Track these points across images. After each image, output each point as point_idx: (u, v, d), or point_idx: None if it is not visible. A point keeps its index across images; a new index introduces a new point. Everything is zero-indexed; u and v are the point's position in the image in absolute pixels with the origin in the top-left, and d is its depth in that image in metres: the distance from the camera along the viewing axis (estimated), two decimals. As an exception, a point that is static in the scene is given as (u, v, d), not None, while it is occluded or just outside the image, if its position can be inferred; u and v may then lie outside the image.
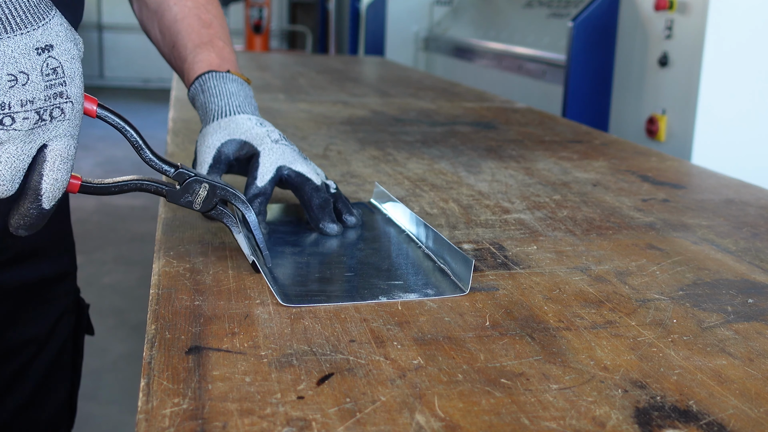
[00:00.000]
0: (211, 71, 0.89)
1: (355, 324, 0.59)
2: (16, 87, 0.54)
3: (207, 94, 0.87)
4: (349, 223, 0.83)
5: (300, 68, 2.69)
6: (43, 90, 0.55)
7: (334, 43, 6.07)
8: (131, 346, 2.53)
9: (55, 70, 0.56)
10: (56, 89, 0.56)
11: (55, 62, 0.56)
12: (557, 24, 2.78)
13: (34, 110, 0.55)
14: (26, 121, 0.55)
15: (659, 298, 0.67)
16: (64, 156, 0.58)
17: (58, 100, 0.56)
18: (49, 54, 0.56)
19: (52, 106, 0.56)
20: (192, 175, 0.68)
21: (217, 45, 0.93)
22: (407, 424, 0.45)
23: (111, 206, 4.09)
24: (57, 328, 0.95)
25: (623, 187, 1.07)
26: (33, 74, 0.54)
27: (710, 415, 0.47)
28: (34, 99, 0.55)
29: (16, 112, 0.54)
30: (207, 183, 0.68)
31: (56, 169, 0.57)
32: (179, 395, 0.47)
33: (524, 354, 0.55)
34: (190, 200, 0.68)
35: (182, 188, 0.68)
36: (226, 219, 0.70)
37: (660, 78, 2.18)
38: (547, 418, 0.46)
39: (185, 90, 1.92)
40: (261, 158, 0.80)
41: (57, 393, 0.98)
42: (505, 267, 0.73)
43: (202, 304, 0.61)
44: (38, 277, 0.91)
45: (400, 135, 1.42)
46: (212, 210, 0.69)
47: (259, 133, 0.82)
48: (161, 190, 0.67)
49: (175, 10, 0.95)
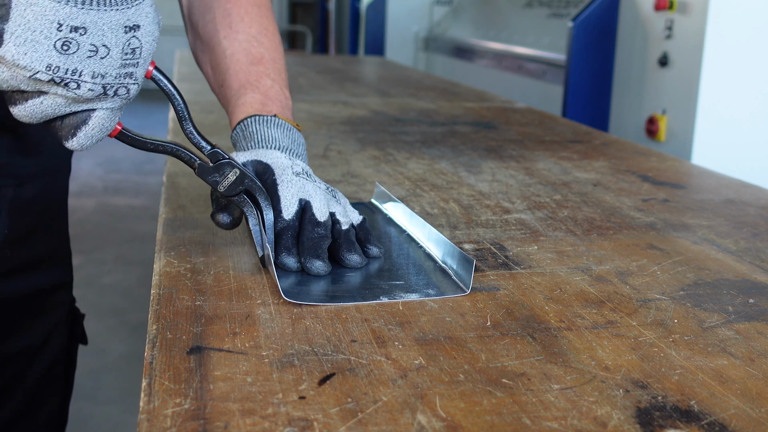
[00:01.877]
0: (254, 116, 0.81)
1: (357, 324, 0.59)
2: (94, 58, 0.55)
3: (248, 139, 0.80)
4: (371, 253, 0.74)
5: (300, 68, 2.69)
6: (118, 68, 0.56)
7: (334, 43, 6.07)
8: (131, 346, 2.53)
9: (134, 51, 0.57)
10: (129, 69, 0.57)
11: (137, 42, 0.57)
12: (557, 24, 2.78)
13: (102, 84, 0.56)
14: (90, 92, 0.56)
15: (660, 298, 0.67)
16: (104, 126, 0.59)
17: (126, 80, 0.58)
18: (135, 34, 0.57)
19: (119, 84, 0.57)
20: (226, 157, 0.69)
21: (263, 85, 0.85)
22: (409, 424, 0.45)
23: (111, 206, 4.08)
24: (51, 339, 0.93)
25: (623, 187, 1.07)
26: (114, 50, 0.56)
27: (712, 415, 0.47)
28: (106, 74, 0.56)
29: (84, 81, 0.55)
30: (238, 169, 0.69)
31: (89, 136, 0.59)
32: (181, 395, 0.47)
33: (525, 354, 0.55)
34: (217, 180, 0.69)
35: (214, 167, 0.69)
36: (246, 207, 0.70)
37: (660, 78, 2.18)
38: (549, 418, 0.46)
39: (186, 90, 1.92)
40: (281, 189, 0.72)
41: (49, 404, 0.96)
42: (506, 267, 0.73)
43: (204, 304, 0.61)
44: (35, 287, 0.89)
45: (400, 135, 1.42)
46: (235, 196, 0.70)
47: (283, 163, 0.75)
48: (193, 161, 0.68)
49: (225, 44, 0.87)
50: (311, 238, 0.70)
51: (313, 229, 0.70)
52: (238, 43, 0.87)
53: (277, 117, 0.81)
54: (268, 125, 0.80)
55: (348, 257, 0.71)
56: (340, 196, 0.76)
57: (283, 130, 0.80)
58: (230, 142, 0.84)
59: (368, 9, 4.43)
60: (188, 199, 0.91)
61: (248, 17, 0.89)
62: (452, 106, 1.85)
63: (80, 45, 0.54)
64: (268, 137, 0.79)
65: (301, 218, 0.71)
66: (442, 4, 4.22)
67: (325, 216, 0.71)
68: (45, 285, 0.90)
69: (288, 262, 0.69)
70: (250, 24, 0.88)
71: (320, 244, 0.70)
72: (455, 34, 3.85)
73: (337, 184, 1.02)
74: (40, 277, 0.89)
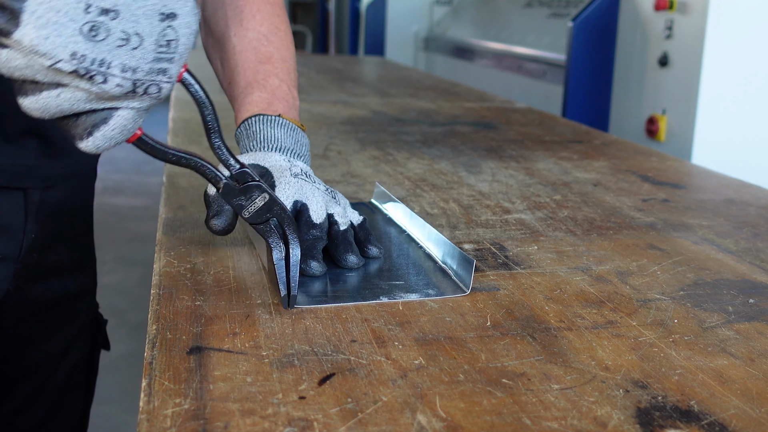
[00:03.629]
0: (258, 115, 0.80)
1: (357, 324, 0.59)
2: (125, 48, 0.48)
3: (251, 138, 0.79)
4: (370, 254, 0.74)
5: (300, 68, 2.69)
6: (150, 62, 0.49)
7: (334, 43, 6.07)
8: (131, 346, 2.53)
9: (170, 43, 0.50)
10: (162, 64, 0.50)
11: (173, 34, 0.50)
12: (557, 24, 2.78)
13: (132, 80, 0.49)
14: (118, 89, 0.49)
15: (660, 298, 0.67)
16: (125, 128, 0.51)
17: (159, 77, 0.50)
18: (171, 23, 0.50)
19: (151, 81, 0.50)
20: (255, 180, 0.61)
21: (270, 84, 0.84)
22: (409, 424, 0.45)
23: (111, 206, 4.08)
24: (74, 346, 0.92)
25: (623, 187, 1.07)
26: (148, 40, 0.49)
27: (712, 415, 0.47)
28: (137, 68, 0.49)
29: (112, 75, 0.48)
30: (268, 194, 0.61)
31: (108, 138, 0.51)
32: (181, 395, 0.47)
33: (525, 354, 0.55)
34: (242, 204, 0.61)
35: (241, 189, 0.60)
36: (272, 239, 0.62)
37: (660, 78, 2.18)
38: (549, 418, 0.46)
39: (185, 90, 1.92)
40: (277, 191, 0.71)
41: (70, 411, 0.94)
42: (506, 267, 0.73)
43: (203, 304, 0.61)
44: (62, 293, 0.87)
45: (400, 135, 1.42)
46: (262, 224, 0.62)
47: (281, 166, 0.74)
48: (219, 180, 0.60)
49: (234, 41, 0.86)
50: (306, 240, 0.69)
51: (308, 231, 0.69)
52: (248, 41, 0.86)
53: (282, 117, 0.80)
54: (271, 125, 0.79)
55: (345, 258, 0.71)
56: (340, 197, 0.76)
57: (287, 130, 0.79)
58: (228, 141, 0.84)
59: (368, 9, 4.43)
60: (188, 199, 0.91)
61: (260, 15, 0.88)
62: (452, 106, 1.85)
63: (110, 31, 0.47)
64: (271, 137, 0.78)
65: (298, 220, 0.70)
66: (442, 4, 4.22)
67: (321, 218, 0.70)
68: (70, 291, 0.88)
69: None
70: (261, 22, 0.87)
71: (315, 245, 0.69)
72: (455, 34, 3.85)
73: (337, 185, 1.02)
74: (66, 283, 0.87)
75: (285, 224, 0.62)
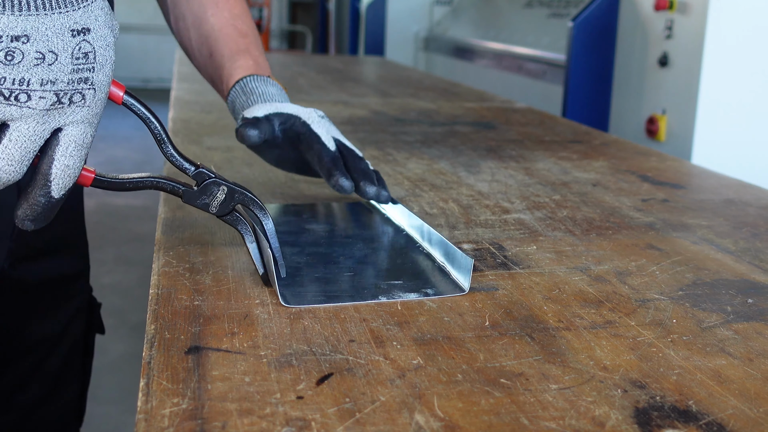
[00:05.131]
0: (252, 74, 0.91)
1: (355, 324, 0.59)
2: (42, 66, 0.52)
3: (248, 95, 0.89)
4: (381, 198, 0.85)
5: (300, 68, 2.69)
6: (69, 73, 0.53)
7: (334, 43, 6.07)
8: (131, 346, 2.53)
9: (87, 55, 0.54)
10: (83, 74, 0.54)
11: (89, 47, 0.54)
12: (557, 24, 2.78)
13: (54, 91, 0.53)
14: (42, 101, 0.52)
15: (659, 298, 0.67)
16: (79, 143, 0.55)
17: (81, 85, 0.54)
18: (84, 38, 0.54)
19: (74, 90, 0.54)
20: (212, 177, 0.66)
21: (253, 53, 0.95)
22: (407, 424, 0.45)
23: (111, 206, 4.08)
24: (70, 326, 0.97)
25: (623, 187, 1.07)
26: (63, 55, 0.53)
27: (710, 415, 0.47)
28: (57, 80, 0.53)
29: (33, 90, 0.52)
30: (226, 186, 0.66)
31: (69, 155, 0.55)
32: (179, 395, 0.47)
33: (524, 354, 0.55)
34: (206, 203, 0.66)
35: (199, 189, 0.66)
36: (240, 226, 0.67)
37: (660, 78, 2.18)
38: (547, 418, 0.46)
39: (185, 90, 1.92)
40: (316, 128, 0.84)
41: (67, 392, 0.99)
42: (505, 267, 0.73)
43: (202, 304, 0.61)
44: (57, 273, 0.92)
45: (400, 135, 1.42)
46: (228, 215, 0.67)
47: (306, 110, 0.87)
48: (177, 190, 0.65)
49: (212, 21, 0.97)
50: (362, 168, 0.84)
51: (360, 161, 0.85)
52: (225, 20, 0.97)
53: (271, 78, 0.92)
54: (265, 84, 0.90)
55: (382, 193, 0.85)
56: None
57: (278, 88, 0.91)
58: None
59: (368, 9, 4.43)
60: (187, 199, 0.91)
61: None
62: (452, 106, 1.85)
63: (24, 54, 0.51)
64: (267, 93, 0.89)
65: (341, 151, 0.85)
66: (442, 4, 4.22)
67: (359, 152, 0.86)
68: (68, 271, 0.94)
69: (345, 185, 0.81)
70: (234, 5, 0.99)
71: (370, 173, 0.85)
72: (455, 34, 3.85)
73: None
74: (59, 264, 0.93)
75: (251, 205, 0.67)
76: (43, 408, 0.95)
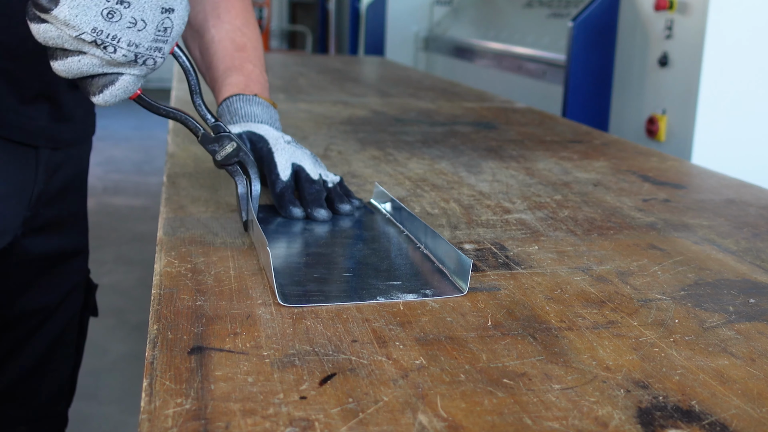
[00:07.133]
0: (237, 94, 0.94)
1: (357, 324, 0.59)
2: (133, 29, 0.65)
3: (232, 114, 0.93)
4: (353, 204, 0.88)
5: (300, 68, 2.69)
6: (150, 41, 0.66)
7: (334, 43, 6.07)
8: (131, 346, 2.53)
9: (166, 30, 0.67)
10: (159, 44, 0.67)
11: (170, 23, 0.67)
12: (557, 24, 2.78)
13: (135, 53, 0.66)
14: (124, 58, 0.65)
15: (661, 298, 0.67)
16: (127, 89, 0.68)
17: (155, 53, 0.67)
18: (169, 15, 0.67)
19: (149, 55, 0.67)
20: (226, 131, 0.78)
21: (246, 69, 0.98)
22: (410, 424, 0.45)
23: (111, 206, 4.08)
24: (66, 302, 1.02)
25: (624, 187, 1.07)
26: (150, 26, 0.65)
27: (713, 415, 0.47)
28: (140, 44, 0.65)
29: (120, 47, 0.65)
30: (235, 142, 0.78)
31: (113, 94, 0.68)
32: (182, 395, 0.47)
33: (526, 354, 0.55)
34: (215, 150, 0.78)
35: (214, 137, 0.78)
36: (237, 177, 0.79)
37: (660, 78, 2.18)
38: (550, 418, 0.46)
39: (185, 90, 1.92)
40: (276, 156, 0.87)
41: (60, 367, 1.04)
42: (507, 267, 0.73)
43: (204, 304, 0.61)
44: (58, 248, 0.98)
45: (400, 135, 1.42)
46: (229, 166, 0.79)
47: (274, 134, 0.89)
48: (198, 130, 0.77)
49: (212, 32, 1.00)
50: (311, 192, 0.85)
51: (311, 186, 0.86)
52: (225, 32, 1.00)
53: (258, 96, 0.95)
54: (250, 103, 0.94)
55: (341, 207, 0.86)
56: (319, 161, 0.91)
57: (263, 107, 0.94)
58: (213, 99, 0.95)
59: (368, 9, 4.43)
60: (189, 199, 0.91)
61: (234, 10, 1.02)
62: (452, 106, 1.85)
63: (123, 16, 0.64)
64: (250, 113, 0.93)
65: (297, 179, 0.86)
66: (442, 4, 4.22)
67: (317, 176, 0.87)
68: (67, 248, 1.00)
69: (295, 212, 0.84)
70: (236, 16, 1.01)
71: (320, 196, 0.85)
72: (455, 34, 3.85)
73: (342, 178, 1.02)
74: (64, 240, 0.99)
75: (248, 166, 0.79)
76: (36, 377, 1.00)
